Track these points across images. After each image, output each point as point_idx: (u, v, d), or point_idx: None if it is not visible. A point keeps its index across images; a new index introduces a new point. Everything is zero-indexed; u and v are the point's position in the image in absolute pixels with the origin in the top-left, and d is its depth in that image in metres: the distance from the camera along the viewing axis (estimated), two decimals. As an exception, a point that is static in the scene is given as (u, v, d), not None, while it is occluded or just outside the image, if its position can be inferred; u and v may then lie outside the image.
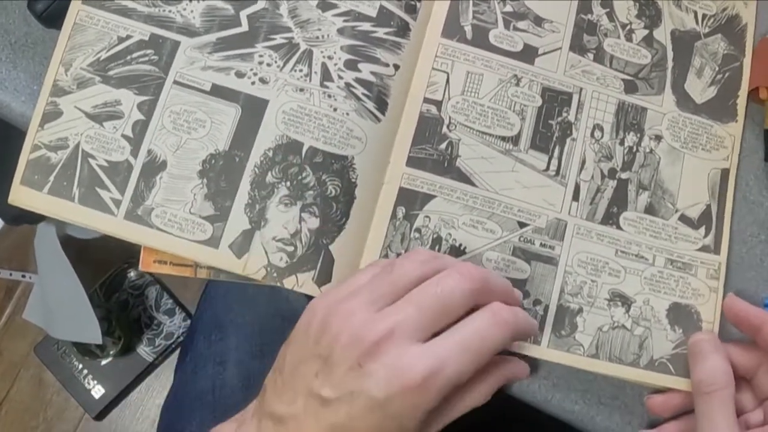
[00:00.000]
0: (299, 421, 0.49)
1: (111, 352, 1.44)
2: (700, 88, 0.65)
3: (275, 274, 0.57)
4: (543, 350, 0.59)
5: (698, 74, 0.66)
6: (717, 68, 0.66)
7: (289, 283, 0.57)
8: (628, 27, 0.65)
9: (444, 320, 0.50)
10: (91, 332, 1.03)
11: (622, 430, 0.62)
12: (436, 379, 0.47)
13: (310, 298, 0.57)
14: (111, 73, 0.59)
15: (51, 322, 1.12)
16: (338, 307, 0.50)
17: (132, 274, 1.50)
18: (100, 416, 1.48)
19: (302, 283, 0.57)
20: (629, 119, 0.64)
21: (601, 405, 0.62)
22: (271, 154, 0.58)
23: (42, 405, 1.50)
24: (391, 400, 0.47)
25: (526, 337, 0.57)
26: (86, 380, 1.46)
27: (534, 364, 0.60)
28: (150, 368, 1.49)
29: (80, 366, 1.46)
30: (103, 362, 1.46)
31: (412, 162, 0.61)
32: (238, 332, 0.73)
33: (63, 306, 1.07)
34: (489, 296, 0.52)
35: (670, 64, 0.65)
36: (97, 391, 1.46)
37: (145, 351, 1.47)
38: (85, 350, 1.43)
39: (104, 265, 1.48)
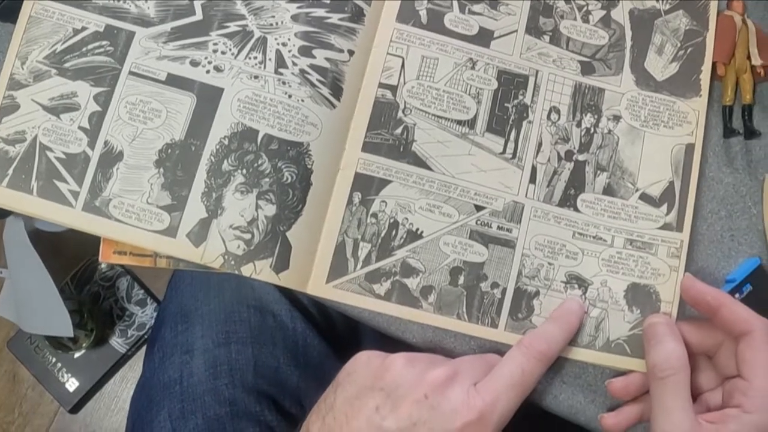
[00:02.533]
0: None
1: (84, 345, 1.47)
2: (661, 66, 0.68)
3: (233, 262, 0.60)
4: (500, 333, 0.62)
5: (659, 52, 0.68)
6: (679, 44, 0.69)
7: (246, 270, 0.60)
8: (585, 8, 0.68)
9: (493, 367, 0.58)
10: (62, 325, 1.06)
11: (585, 408, 0.64)
12: (491, 416, 0.55)
13: (281, 288, 0.62)
14: (67, 65, 0.62)
15: (22, 317, 1.15)
16: (400, 356, 0.58)
17: (103, 266, 1.52)
18: (75, 409, 1.52)
19: (260, 270, 0.60)
20: (586, 101, 0.66)
21: (564, 384, 0.65)
22: (226, 142, 0.61)
23: (17, 400, 1.53)
24: None
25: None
26: (60, 374, 1.49)
27: (495, 346, 0.64)
28: (123, 359, 1.52)
29: (54, 360, 1.49)
30: (77, 355, 1.49)
31: (367, 147, 0.64)
32: (203, 321, 0.76)
33: (33, 300, 1.10)
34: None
35: (628, 43, 0.68)
36: (72, 384, 1.49)
37: (117, 342, 1.51)
38: (57, 344, 1.46)
39: (75, 258, 1.51)
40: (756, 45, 0.68)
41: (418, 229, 0.63)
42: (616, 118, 0.66)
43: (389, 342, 0.65)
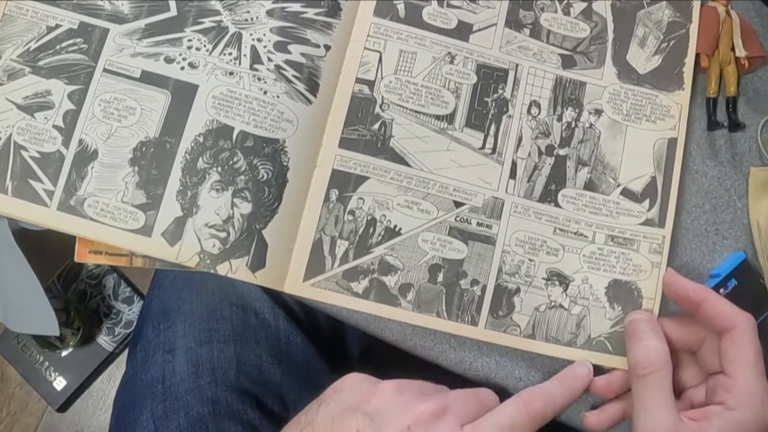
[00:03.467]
0: None
1: (71, 344, 1.48)
2: (643, 58, 0.68)
3: (208, 261, 0.60)
4: (480, 331, 0.63)
5: (641, 44, 0.68)
6: (662, 36, 0.69)
7: (222, 269, 0.61)
8: (566, 1, 0.68)
9: (485, 411, 0.56)
10: (49, 324, 1.06)
11: (567, 405, 0.65)
12: None
13: (266, 289, 0.62)
14: (41, 63, 0.62)
15: (8, 316, 1.15)
16: (389, 382, 0.57)
17: (89, 264, 1.53)
18: (63, 408, 1.52)
19: (236, 269, 0.61)
20: (567, 94, 0.67)
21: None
22: (201, 139, 0.61)
23: (5, 399, 1.54)
24: None
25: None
26: (48, 372, 1.49)
27: (475, 344, 0.64)
28: (111, 358, 1.53)
29: (41, 358, 1.50)
30: (64, 353, 1.50)
31: (344, 143, 0.64)
32: (185, 319, 0.76)
33: (19, 299, 1.11)
34: None
35: (610, 36, 0.68)
36: (59, 382, 1.50)
37: (105, 340, 1.51)
38: (44, 342, 1.46)
39: (61, 257, 1.51)
40: (740, 36, 0.68)
41: (396, 226, 0.63)
42: (598, 112, 0.66)
43: (374, 340, 0.65)
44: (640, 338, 0.60)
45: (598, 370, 0.63)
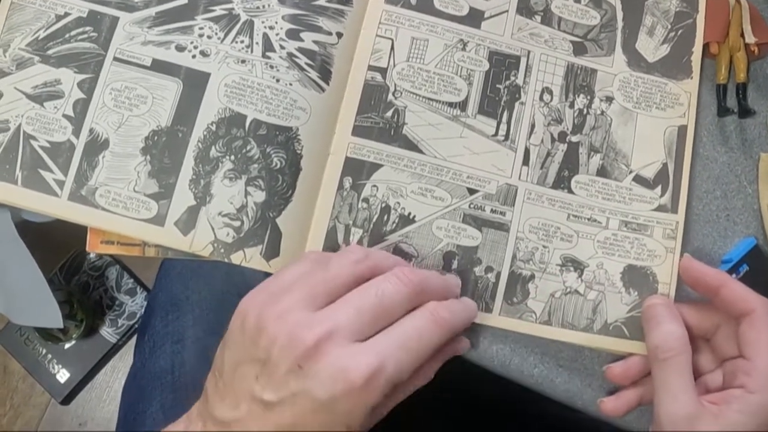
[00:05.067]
0: (244, 424, 0.51)
1: (74, 336, 1.48)
2: (652, 47, 0.68)
3: (222, 250, 0.60)
4: (495, 318, 0.62)
5: (650, 33, 0.68)
6: (669, 26, 0.69)
7: (236, 258, 0.60)
8: (576, -13, 0.68)
9: (383, 323, 0.52)
10: (52, 316, 1.06)
11: (582, 392, 0.65)
12: (378, 379, 0.49)
13: (267, 274, 0.59)
14: (50, 52, 0.62)
15: (11, 309, 1.14)
16: (273, 308, 0.52)
17: (92, 255, 1.52)
18: (67, 400, 1.52)
19: (250, 257, 0.60)
20: (579, 81, 0.66)
21: (560, 368, 0.65)
22: (214, 128, 0.61)
23: (8, 392, 1.53)
24: (335, 401, 0.49)
25: (465, 327, 0.58)
26: (51, 365, 1.49)
27: (490, 331, 0.63)
28: (114, 349, 1.52)
29: (44, 351, 1.49)
30: (67, 346, 1.50)
31: (357, 131, 0.63)
32: (194, 309, 0.76)
33: (22, 291, 1.10)
34: (427, 297, 0.55)
35: (620, 24, 0.68)
36: (63, 375, 1.50)
37: (108, 332, 1.51)
38: (47, 335, 1.46)
39: (64, 248, 1.51)
40: (750, 23, 0.68)
41: (410, 214, 0.62)
42: (609, 99, 0.66)
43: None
44: (660, 322, 0.59)
45: (613, 357, 0.63)
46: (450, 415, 0.85)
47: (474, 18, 0.66)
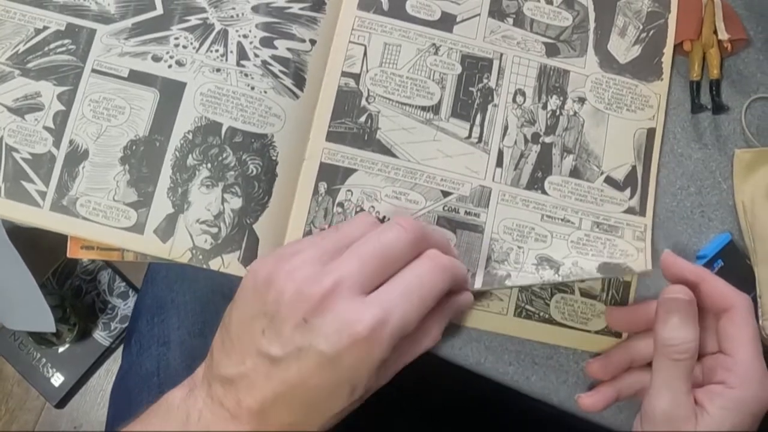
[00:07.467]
0: (250, 380, 0.52)
1: (67, 339, 1.49)
2: (623, 48, 0.69)
3: (201, 257, 0.62)
4: (469, 317, 0.64)
5: (621, 34, 0.70)
6: (641, 27, 0.70)
7: (215, 264, 0.62)
8: (548, -11, 0.69)
9: (387, 271, 0.54)
10: (45, 321, 1.09)
11: (557, 389, 0.66)
12: (383, 330, 0.50)
13: None
14: (30, 65, 0.63)
15: (4, 314, 1.17)
16: (284, 265, 0.53)
17: (84, 259, 1.54)
18: (61, 404, 1.54)
19: (228, 263, 0.62)
20: (551, 83, 0.68)
21: (536, 365, 0.66)
22: (190, 136, 0.63)
23: (3, 397, 1.55)
24: (341, 354, 0.50)
25: (464, 284, 0.60)
26: (45, 369, 1.51)
27: (464, 328, 0.65)
28: (107, 352, 1.55)
29: (38, 355, 1.51)
30: (61, 350, 1.51)
31: (332, 137, 0.65)
32: (179, 312, 0.77)
33: (15, 297, 1.13)
34: (427, 245, 0.56)
35: (592, 25, 0.69)
36: (57, 379, 1.52)
37: (101, 336, 1.53)
38: (41, 339, 1.48)
39: (55, 253, 1.52)
40: (722, 19, 0.70)
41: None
42: (581, 100, 0.68)
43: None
44: (686, 322, 0.57)
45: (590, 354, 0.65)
46: (426, 415, 0.86)
47: (446, 22, 0.68)
